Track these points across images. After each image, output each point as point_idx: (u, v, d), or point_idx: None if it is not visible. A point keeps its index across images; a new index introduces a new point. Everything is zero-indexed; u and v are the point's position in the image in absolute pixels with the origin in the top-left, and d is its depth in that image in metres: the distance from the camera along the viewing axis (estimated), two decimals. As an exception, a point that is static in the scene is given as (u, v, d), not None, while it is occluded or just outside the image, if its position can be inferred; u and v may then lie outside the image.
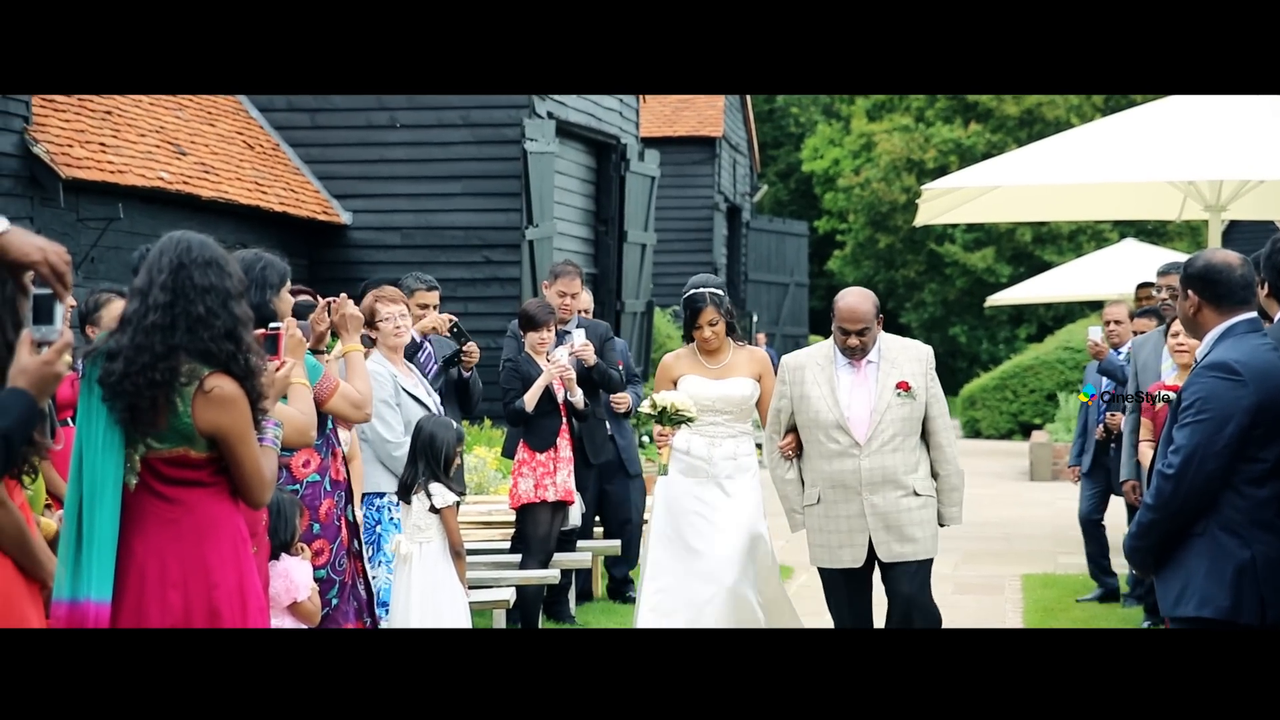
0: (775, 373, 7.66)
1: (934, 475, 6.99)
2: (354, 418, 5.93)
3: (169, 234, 4.34)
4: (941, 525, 7.00)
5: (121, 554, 4.21)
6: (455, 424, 7.18)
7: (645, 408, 7.59)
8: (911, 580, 6.86)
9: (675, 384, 7.78)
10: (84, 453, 4.21)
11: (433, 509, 6.85)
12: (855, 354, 6.84)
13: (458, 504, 6.97)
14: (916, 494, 6.86)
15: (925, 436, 6.97)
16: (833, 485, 6.88)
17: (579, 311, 9.72)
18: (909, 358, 6.95)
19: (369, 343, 7.29)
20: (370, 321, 7.35)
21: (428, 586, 6.81)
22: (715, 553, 7.52)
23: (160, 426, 4.16)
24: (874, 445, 6.83)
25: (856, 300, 6.88)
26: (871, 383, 6.88)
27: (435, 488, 6.85)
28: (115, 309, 6.87)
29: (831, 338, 6.98)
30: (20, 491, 4.44)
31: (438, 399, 7.72)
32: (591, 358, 9.03)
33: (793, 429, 7.04)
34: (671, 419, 7.54)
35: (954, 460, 7.03)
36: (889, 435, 6.84)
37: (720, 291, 7.85)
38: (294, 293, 5.94)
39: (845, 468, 6.85)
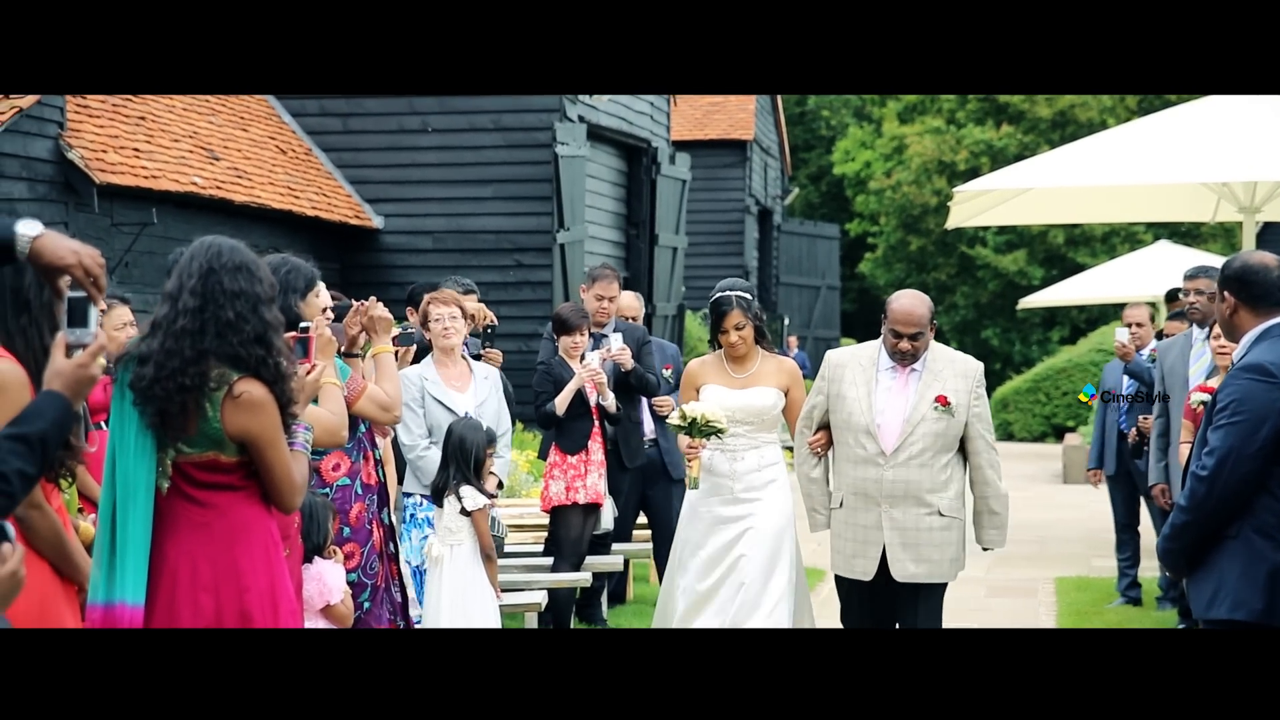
0: (805, 381, 7.53)
1: (977, 500, 6.64)
2: (382, 420, 5.90)
3: (200, 239, 4.35)
4: (983, 548, 6.78)
5: (154, 557, 4.24)
6: (485, 426, 7.20)
7: (674, 419, 7.24)
8: (923, 605, 6.56)
9: (698, 392, 7.38)
10: (117, 457, 4.24)
11: (464, 511, 6.88)
12: (904, 359, 6.55)
13: (490, 506, 7.00)
14: (941, 514, 6.53)
15: (967, 460, 6.64)
16: (855, 492, 6.59)
17: (621, 315, 9.72)
18: (955, 372, 6.61)
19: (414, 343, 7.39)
20: (424, 323, 7.53)
21: (458, 589, 6.84)
22: (741, 556, 7.14)
23: (190, 431, 4.18)
24: (900, 457, 6.51)
25: (911, 303, 6.57)
26: (910, 392, 6.55)
27: (466, 490, 6.87)
28: (116, 315, 6.88)
29: (880, 339, 6.69)
30: (57, 495, 4.47)
31: (479, 403, 7.71)
32: (629, 362, 9.01)
33: (825, 426, 6.77)
34: (701, 430, 7.14)
35: (995, 483, 6.65)
36: (918, 449, 6.51)
37: (748, 295, 7.44)
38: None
39: (868, 475, 6.56)
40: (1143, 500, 10.40)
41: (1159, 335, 10.10)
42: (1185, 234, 30.68)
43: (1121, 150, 10.80)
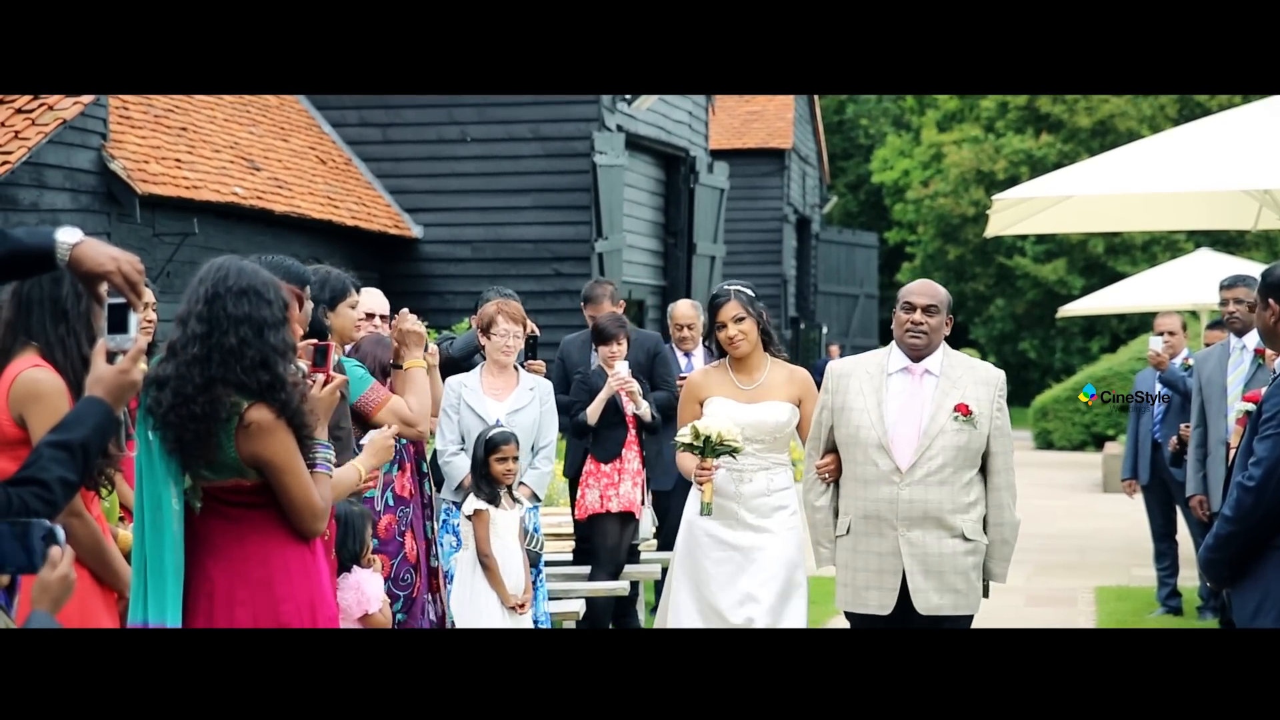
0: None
1: (984, 519, 5.89)
2: (405, 434, 5.83)
3: (212, 260, 4.33)
4: (984, 580, 5.91)
5: (192, 574, 4.26)
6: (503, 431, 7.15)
7: (685, 437, 6.40)
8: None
9: (702, 406, 6.62)
10: (144, 478, 4.25)
11: (468, 517, 6.94)
12: (918, 340, 5.79)
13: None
14: (965, 538, 5.78)
15: (984, 474, 5.89)
16: (865, 516, 5.81)
17: (678, 324, 9.68)
18: (975, 379, 5.87)
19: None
20: (485, 329, 7.52)
21: (462, 596, 6.89)
22: (743, 593, 6.44)
23: (211, 459, 4.18)
24: (918, 473, 5.75)
25: (928, 281, 6.01)
26: (926, 400, 5.81)
27: (471, 497, 6.93)
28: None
29: (892, 343, 5.99)
30: (97, 503, 4.50)
31: (512, 411, 7.72)
32: (635, 399, 8.44)
33: (834, 450, 5.99)
34: (715, 450, 6.38)
35: (1010, 507, 5.90)
36: (937, 464, 5.75)
37: (749, 291, 6.73)
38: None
39: (881, 496, 5.78)
40: (1179, 509, 10.34)
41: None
42: (1227, 242, 30.52)
43: (1162, 157, 10.75)
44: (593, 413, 8.54)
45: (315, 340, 4.77)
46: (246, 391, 4.16)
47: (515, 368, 7.78)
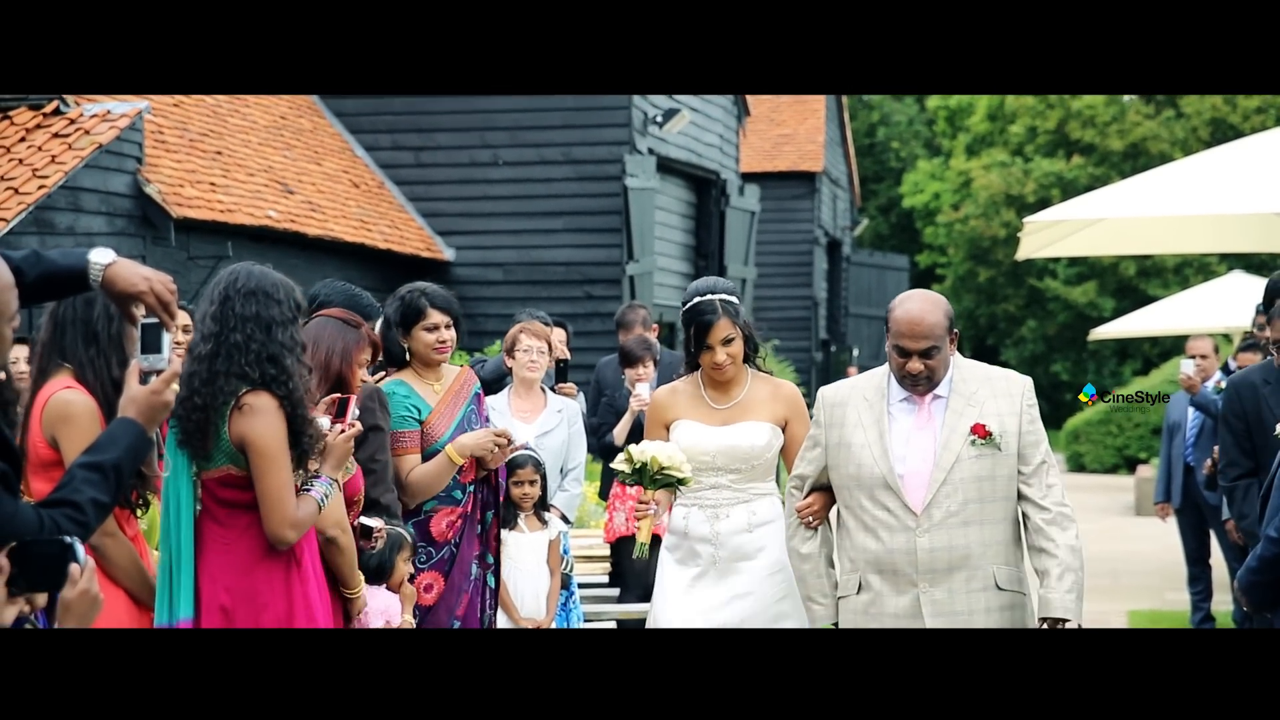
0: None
1: (1037, 552, 4.80)
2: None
3: (230, 266, 4.52)
4: (1051, 618, 4.68)
5: (197, 577, 4.40)
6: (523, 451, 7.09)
7: (620, 464, 5.40)
8: None
9: (668, 430, 5.65)
10: (167, 480, 4.41)
11: None
12: (918, 385, 4.85)
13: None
14: (999, 588, 4.78)
15: (1021, 500, 4.86)
16: (879, 570, 4.82)
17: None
18: (994, 392, 4.88)
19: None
20: (510, 350, 7.54)
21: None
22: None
23: (209, 447, 4.33)
24: (936, 515, 4.77)
25: (921, 307, 4.83)
26: (937, 425, 4.84)
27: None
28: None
29: (885, 363, 5.04)
30: (133, 522, 4.56)
31: (541, 434, 7.74)
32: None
33: (823, 488, 5.04)
34: (655, 480, 5.33)
35: (1067, 529, 4.79)
36: (959, 501, 4.77)
37: (734, 299, 5.65)
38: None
39: (896, 546, 4.79)
40: (1213, 533, 10.31)
41: (1224, 368, 10.02)
42: (1260, 265, 30.39)
43: (1194, 180, 10.73)
44: (619, 434, 8.57)
45: (337, 394, 4.85)
46: (248, 381, 4.31)
47: (543, 390, 7.80)
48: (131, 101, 12.29)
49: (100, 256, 3.68)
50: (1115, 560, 14.94)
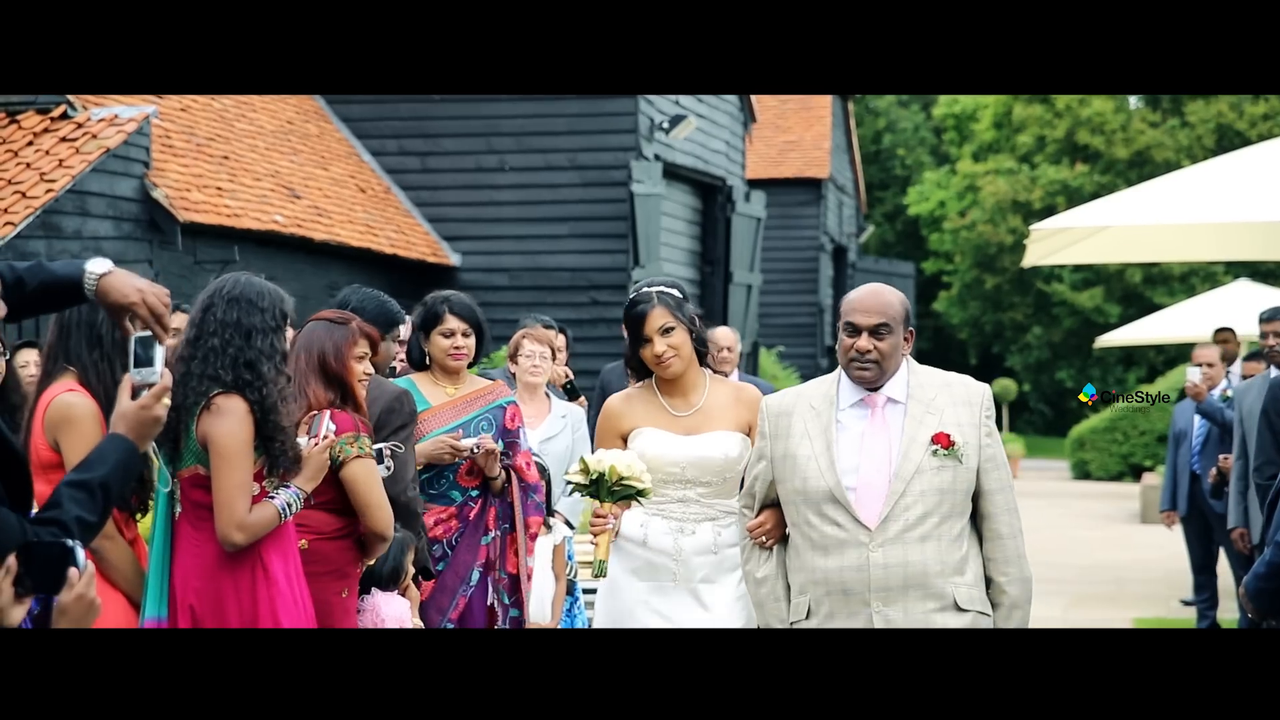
0: None
1: (986, 581, 4.54)
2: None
3: (223, 275, 4.62)
4: None
5: (171, 577, 4.49)
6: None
7: (574, 474, 5.04)
8: None
9: (625, 441, 5.21)
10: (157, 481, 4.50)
11: None
12: (866, 369, 4.53)
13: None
14: (959, 608, 4.46)
15: (977, 520, 4.57)
16: (829, 591, 4.48)
17: (717, 346, 9.71)
18: (953, 399, 4.57)
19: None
20: (513, 355, 7.59)
21: None
22: None
23: (180, 446, 4.41)
24: (892, 529, 4.44)
25: (874, 287, 4.63)
26: (893, 433, 4.53)
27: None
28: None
29: (837, 368, 4.68)
30: (133, 525, 4.58)
31: (545, 439, 7.75)
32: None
33: (773, 504, 4.70)
34: (613, 491, 4.95)
35: (1019, 559, 4.55)
36: (916, 515, 4.45)
37: (676, 292, 5.26)
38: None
39: (847, 564, 4.46)
40: (1218, 540, 10.30)
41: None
42: (1266, 273, 30.37)
43: (1200, 188, 10.74)
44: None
45: (313, 412, 4.89)
46: (220, 383, 4.37)
47: (547, 395, 7.82)
48: (139, 106, 12.31)
49: (96, 266, 3.65)
50: (1120, 568, 14.93)
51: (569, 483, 5.15)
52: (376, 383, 5.40)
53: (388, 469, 5.27)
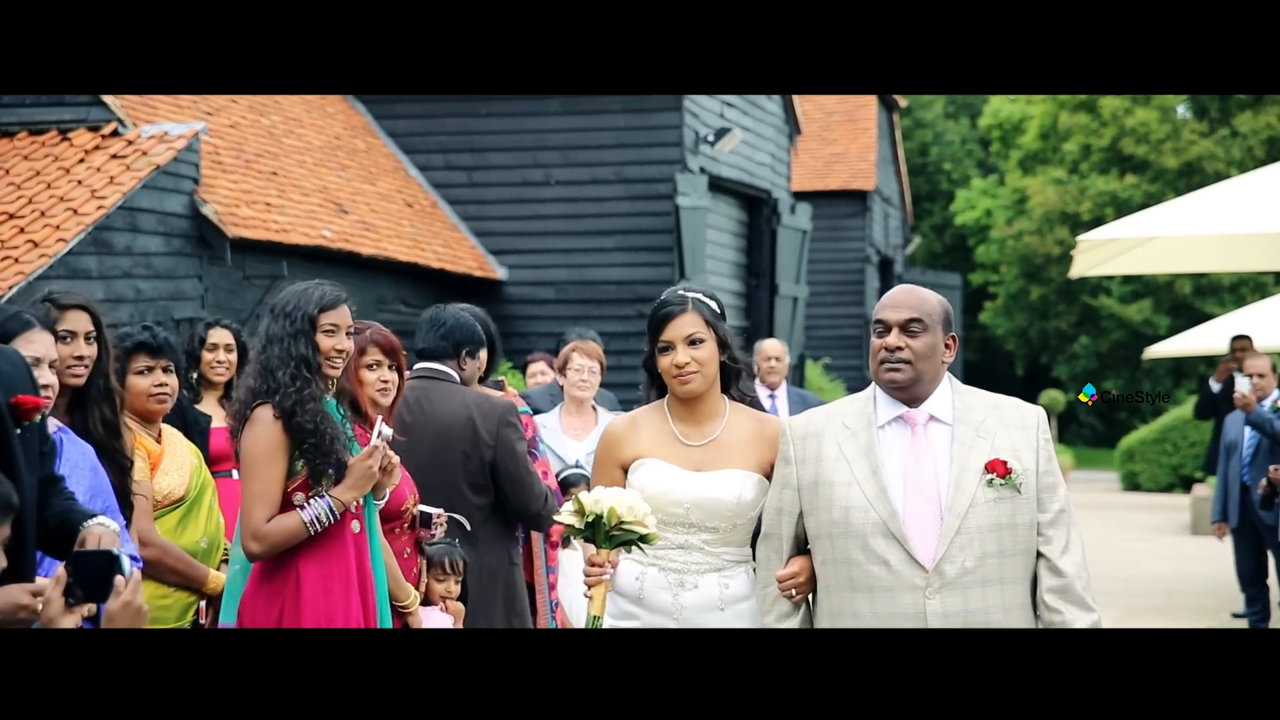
0: None
1: (1045, 624, 3.96)
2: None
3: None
4: None
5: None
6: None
7: (567, 515, 4.23)
8: None
9: (625, 473, 4.46)
10: None
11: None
12: (897, 373, 3.99)
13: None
14: None
15: (1037, 559, 3.99)
16: None
17: (765, 358, 9.77)
18: (1005, 422, 4.00)
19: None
20: (562, 369, 7.64)
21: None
22: None
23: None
24: (950, 571, 3.86)
25: (910, 286, 4.15)
26: (940, 458, 3.95)
27: None
28: (216, 336, 6.79)
29: (870, 384, 4.17)
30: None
31: (589, 452, 7.78)
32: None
33: (803, 550, 4.11)
34: (611, 537, 4.17)
35: (1084, 594, 3.94)
36: (976, 556, 3.87)
37: (711, 301, 4.51)
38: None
39: (899, 611, 3.88)
40: (1270, 552, 10.23)
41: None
42: (1316, 283, 30.13)
43: (1249, 198, 10.68)
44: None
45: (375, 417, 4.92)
46: (256, 394, 4.51)
47: (594, 408, 7.85)
48: (188, 123, 12.41)
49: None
50: (1170, 580, 14.83)
51: (565, 525, 4.30)
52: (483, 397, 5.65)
53: (433, 536, 5.33)
